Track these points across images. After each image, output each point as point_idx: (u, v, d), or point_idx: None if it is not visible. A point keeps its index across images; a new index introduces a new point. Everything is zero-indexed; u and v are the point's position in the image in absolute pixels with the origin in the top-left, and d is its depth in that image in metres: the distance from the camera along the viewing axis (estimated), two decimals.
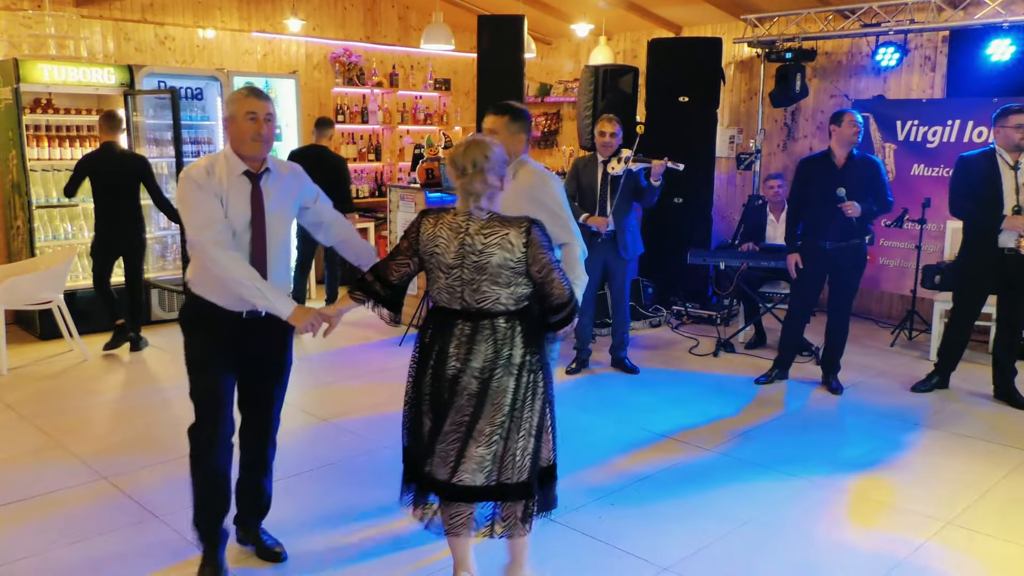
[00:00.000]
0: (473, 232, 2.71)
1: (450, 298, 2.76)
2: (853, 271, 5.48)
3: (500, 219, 2.74)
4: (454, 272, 2.72)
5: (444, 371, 2.75)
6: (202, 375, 3.14)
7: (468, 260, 2.70)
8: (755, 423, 5.04)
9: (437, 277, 2.78)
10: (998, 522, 3.77)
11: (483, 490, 2.76)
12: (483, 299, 2.72)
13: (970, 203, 5.25)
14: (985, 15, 6.52)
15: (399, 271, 2.85)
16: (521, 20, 7.11)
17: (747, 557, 3.45)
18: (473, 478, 2.73)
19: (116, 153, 6.25)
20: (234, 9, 8.48)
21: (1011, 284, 5.26)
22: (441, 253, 2.73)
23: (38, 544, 3.50)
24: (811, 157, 5.62)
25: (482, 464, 2.73)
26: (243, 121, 3.00)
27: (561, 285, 2.75)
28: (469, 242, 2.70)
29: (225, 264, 2.93)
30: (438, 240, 2.74)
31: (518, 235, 2.69)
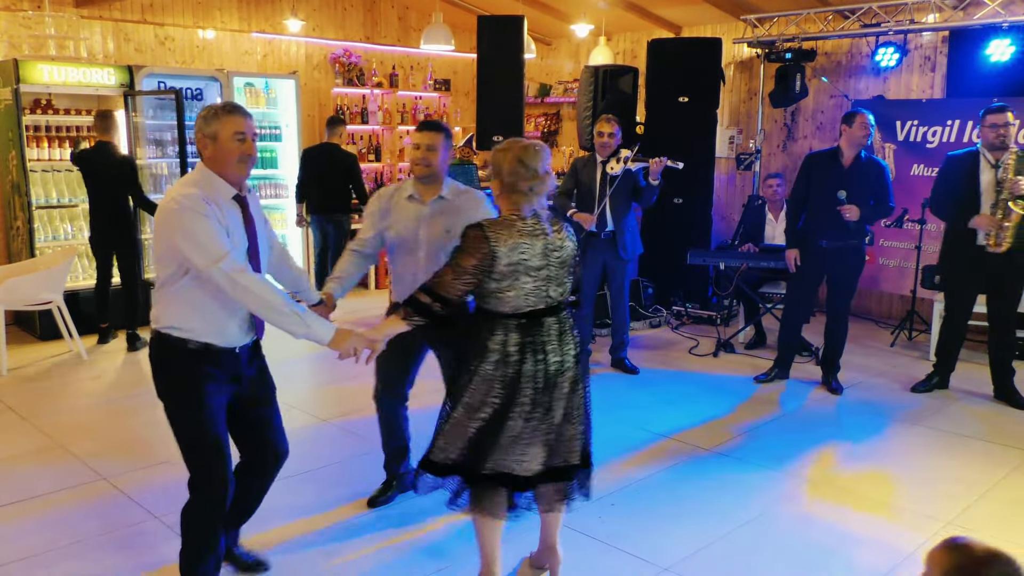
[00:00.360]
0: (549, 231, 2.88)
1: (536, 299, 2.84)
2: (850, 271, 5.48)
3: (548, 216, 2.94)
4: (540, 272, 2.83)
5: (547, 369, 2.85)
6: (206, 429, 2.84)
7: (552, 258, 2.85)
8: (755, 423, 5.04)
9: (523, 283, 2.81)
10: (997, 522, 3.77)
11: (575, 467, 2.99)
12: (564, 292, 2.92)
13: (950, 202, 5.30)
14: (984, 15, 6.52)
15: (464, 290, 2.83)
16: (521, 20, 7.11)
17: (747, 557, 3.45)
18: (575, 457, 2.98)
19: (108, 153, 6.31)
20: (234, 10, 8.48)
21: (996, 282, 5.28)
22: (528, 258, 2.80)
23: (37, 544, 3.50)
24: (819, 153, 5.61)
25: (575, 443, 2.97)
26: (230, 141, 2.72)
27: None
28: (550, 240, 2.85)
29: (259, 290, 2.66)
30: (521, 247, 2.78)
31: (563, 227, 2.97)
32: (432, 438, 2.95)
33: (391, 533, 3.61)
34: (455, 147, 9.29)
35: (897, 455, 4.56)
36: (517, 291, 2.80)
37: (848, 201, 5.22)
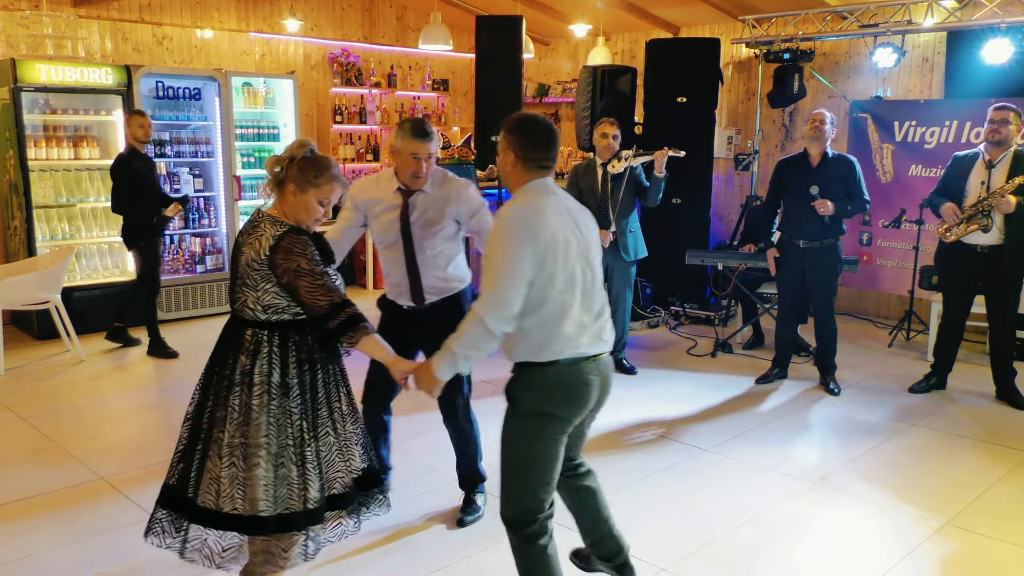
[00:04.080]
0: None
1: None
2: (827, 270, 5.53)
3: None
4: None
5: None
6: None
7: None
8: (753, 423, 5.04)
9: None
10: (996, 522, 3.78)
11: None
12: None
13: (938, 200, 5.37)
14: (983, 16, 6.53)
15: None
16: (519, 21, 7.11)
17: (747, 557, 3.45)
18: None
19: (140, 153, 6.27)
20: (232, 9, 8.47)
21: (990, 281, 5.32)
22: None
23: (36, 544, 3.50)
24: (788, 158, 5.74)
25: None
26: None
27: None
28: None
29: None
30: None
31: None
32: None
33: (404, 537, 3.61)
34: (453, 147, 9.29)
35: (895, 455, 4.56)
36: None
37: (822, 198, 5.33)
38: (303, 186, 2.62)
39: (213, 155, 7.70)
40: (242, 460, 2.58)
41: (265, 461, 2.57)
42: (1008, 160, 5.14)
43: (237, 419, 2.59)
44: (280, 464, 2.59)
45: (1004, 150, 5.15)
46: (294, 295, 2.58)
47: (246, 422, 2.58)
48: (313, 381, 2.66)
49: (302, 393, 2.63)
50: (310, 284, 2.55)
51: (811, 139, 5.41)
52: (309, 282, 2.55)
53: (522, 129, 2.64)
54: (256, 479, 2.56)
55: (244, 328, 2.64)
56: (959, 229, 5.25)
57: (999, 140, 5.13)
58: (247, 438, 2.57)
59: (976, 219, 5.16)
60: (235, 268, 2.67)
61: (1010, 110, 5.13)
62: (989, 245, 5.20)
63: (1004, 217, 5.13)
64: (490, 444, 4.68)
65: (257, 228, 2.62)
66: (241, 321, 2.66)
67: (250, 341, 2.62)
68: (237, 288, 2.65)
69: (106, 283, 7.12)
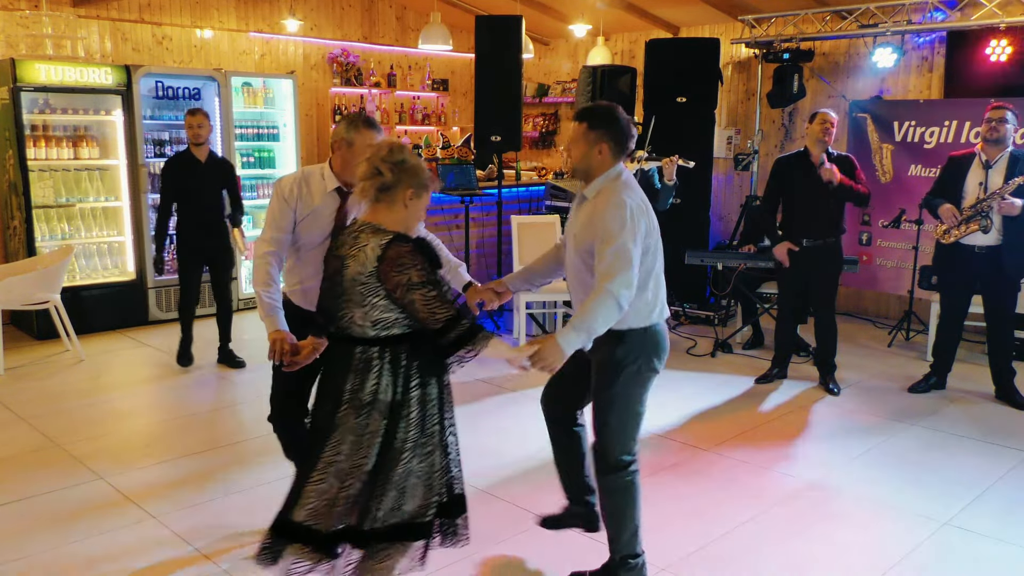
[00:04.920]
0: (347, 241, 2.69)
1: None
2: (828, 269, 5.55)
3: (369, 228, 2.62)
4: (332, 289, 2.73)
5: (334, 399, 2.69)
6: (276, 379, 3.35)
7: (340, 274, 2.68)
8: (753, 423, 5.04)
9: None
10: (995, 523, 3.78)
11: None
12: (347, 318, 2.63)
13: (936, 200, 5.37)
14: (982, 16, 6.53)
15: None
16: (519, 20, 7.10)
17: (746, 557, 3.46)
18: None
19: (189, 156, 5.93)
20: (232, 9, 8.47)
21: (988, 282, 5.33)
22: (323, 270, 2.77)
23: (36, 544, 3.50)
24: (786, 156, 5.72)
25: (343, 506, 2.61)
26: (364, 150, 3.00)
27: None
28: (338, 252, 2.62)
29: (256, 270, 3.11)
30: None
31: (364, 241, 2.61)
32: None
33: None
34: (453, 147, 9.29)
35: (895, 455, 4.56)
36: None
37: (823, 197, 5.34)
38: (420, 191, 2.55)
39: None
40: (375, 479, 2.53)
41: (410, 474, 2.55)
42: (1005, 161, 5.15)
43: (362, 442, 2.51)
44: (408, 476, 2.54)
45: (1001, 150, 5.16)
46: (407, 309, 2.46)
47: (369, 444, 2.51)
48: (425, 397, 2.56)
49: (420, 409, 2.54)
50: (424, 297, 2.43)
51: (818, 140, 5.38)
52: (423, 295, 2.43)
53: (619, 122, 2.92)
54: (394, 490, 2.53)
55: (352, 346, 2.52)
56: (958, 230, 5.25)
57: (997, 139, 5.13)
58: (379, 458, 2.52)
59: (975, 220, 5.17)
60: (334, 284, 2.54)
61: (1007, 109, 5.14)
62: (987, 246, 5.21)
63: (1003, 218, 5.14)
64: (486, 440, 4.67)
65: (358, 239, 2.49)
66: (347, 339, 2.53)
67: (359, 360, 2.51)
68: (341, 306, 2.53)
69: (106, 283, 7.12)
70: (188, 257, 5.95)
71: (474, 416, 5.07)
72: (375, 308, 2.48)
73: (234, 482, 4.13)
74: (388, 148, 2.54)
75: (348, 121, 3.13)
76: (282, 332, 2.90)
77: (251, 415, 5.13)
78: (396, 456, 2.52)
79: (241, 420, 5.11)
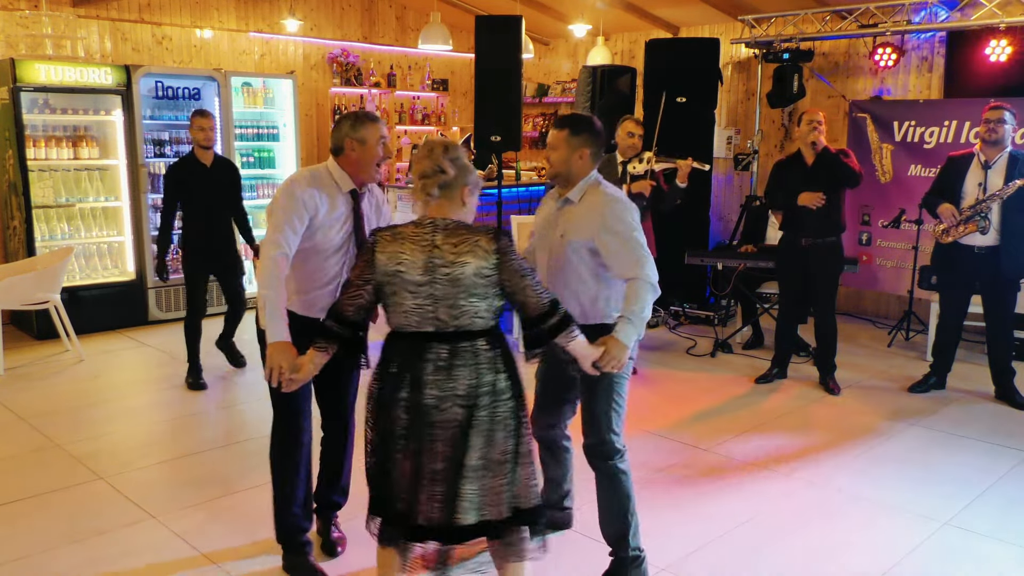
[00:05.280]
0: (442, 243, 2.62)
1: (420, 319, 2.57)
2: (829, 268, 5.55)
3: (455, 226, 2.64)
4: (422, 289, 2.57)
5: (420, 402, 2.53)
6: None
7: (439, 274, 2.57)
8: (753, 423, 5.04)
9: (402, 298, 2.62)
10: (995, 523, 3.78)
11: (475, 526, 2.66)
12: (460, 316, 2.55)
13: (937, 198, 5.36)
14: (982, 16, 6.53)
15: (354, 304, 2.67)
16: (519, 20, 7.09)
17: (746, 557, 3.46)
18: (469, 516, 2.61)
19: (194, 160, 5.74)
20: (231, 9, 8.47)
21: (987, 282, 5.33)
22: (405, 270, 2.61)
23: (35, 544, 3.50)
24: (783, 159, 5.76)
25: (470, 499, 2.58)
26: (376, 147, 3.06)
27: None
28: (437, 254, 2.59)
29: (264, 273, 2.90)
30: (400, 256, 2.66)
31: (474, 243, 2.59)
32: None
33: None
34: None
35: (894, 455, 4.56)
36: (395, 307, 2.56)
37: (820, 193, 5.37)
38: (473, 188, 2.64)
39: None
40: (515, 465, 2.60)
41: (527, 459, 2.64)
42: (1004, 161, 5.15)
43: (499, 431, 2.55)
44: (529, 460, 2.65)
45: (1000, 150, 5.16)
46: (518, 295, 2.55)
47: (505, 429, 2.56)
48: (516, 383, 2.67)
49: (517, 395, 2.65)
50: (532, 282, 2.56)
51: (807, 141, 5.38)
52: (531, 281, 2.56)
53: (598, 130, 3.14)
54: (529, 475, 2.64)
55: (476, 340, 2.56)
56: (956, 230, 5.25)
57: (996, 140, 5.13)
58: (516, 444, 2.59)
59: (974, 220, 5.17)
60: (445, 285, 2.50)
61: (1004, 109, 5.14)
62: (986, 246, 5.21)
63: (1001, 218, 5.14)
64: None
65: (460, 236, 2.52)
66: (468, 335, 2.55)
67: (480, 352, 2.55)
68: (457, 304, 2.51)
69: (105, 283, 7.12)
70: (195, 268, 5.70)
71: None
72: (496, 299, 2.58)
73: (234, 482, 4.13)
74: (444, 146, 2.61)
75: (353, 120, 3.06)
76: (283, 344, 2.74)
77: (251, 415, 5.13)
78: (523, 440, 2.63)
79: (241, 420, 5.11)
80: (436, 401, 2.51)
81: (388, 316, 2.63)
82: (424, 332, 2.54)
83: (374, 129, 3.05)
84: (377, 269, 2.56)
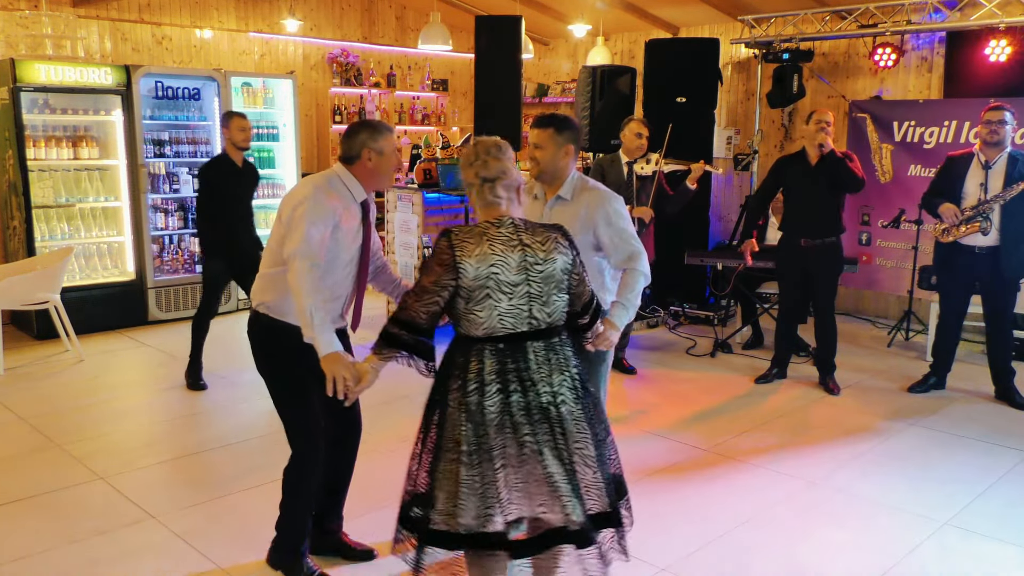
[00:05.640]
0: (530, 241, 2.62)
1: (515, 321, 2.53)
2: (829, 269, 5.55)
3: (531, 226, 2.70)
4: (519, 289, 2.55)
5: (536, 402, 2.52)
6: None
7: (533, 272, 2.56)
8: (753, 423, 5.04)
9: (496, 301, 2.58)
10: (995, 523, 3.78)
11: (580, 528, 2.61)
12: (553, 313, 2.58)
13: (937, 199, 5.36)
14: (981, 16, 6.53)
15: (428, 311, 2.61)
16: (518, 21, 7.10)
17: (745, 557, 3.46)
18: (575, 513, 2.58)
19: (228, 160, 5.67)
20: (231, 9, 8.47)
21: (988, 282, 5.33)
22: (500, 272, 2.56)
23: (35, 544, 3.50)
24: (786, 157, 5.75)
25: (573, 497, 2.59)
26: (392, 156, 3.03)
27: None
28: (530, 252, 2.60)
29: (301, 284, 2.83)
30: (492, 259, 2.62)
31: (553, 239, 2.72)
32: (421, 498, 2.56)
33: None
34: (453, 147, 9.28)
35: (894, 455, 4.56)
36: (486, 311, 2.48)
37: (821, 196, 5.39)
38: (523, 187, 2.73)
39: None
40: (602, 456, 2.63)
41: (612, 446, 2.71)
42: (1004, 161, 5.15)
43: (588, 419, 2.60)
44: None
45: (1000, 150, 5.16)
46: (579, 287, 2.66)
47: (594, 420, 2.62)
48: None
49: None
50: (583, 275, 2.68)
51: (813, 141, 5.36)
52: (582, 274, 2.68)
53: (577, 128, 3.31)
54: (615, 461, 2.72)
55: (560, 335, 2.61)
56: (957, 230, 5.25)
57: (998, 141, 5.13)
58: (599, 435, 2.64)
59: (976, 221, 5.16)
60: (538, 283, 2.52)
61: (1005, 109, 5.14)
62: (987, 246, 5.21)
63: (1001, 218, 5.14)
64: None
65: (542, 234, 2.58)
66: (555, 330, 2.59)
67: (567, 344, 2.63)
68: (550, 300, 2.55)
69: (105, 283, 7.12)
70: (220, 268, 5.60)
71: None
72: (567, 293, 2.63)
73: (234, 482, 4.13)
74: (498, 146, 2.65)
75: (372, 130, 3.00)
76: (338, 354, 2.70)
77: (251, 415, 5.13)
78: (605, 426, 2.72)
79: (241, 420, 5.10)
80: (550, 398, 2.52)
81: (468, 322, 2.52)
82: (519, 332, 2.52)
83: (391, 139, 3.05)
84: (463, 273, 2.46)
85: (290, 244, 2.85)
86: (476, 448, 2.46)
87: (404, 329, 2.55)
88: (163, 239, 7.55)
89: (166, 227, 7.47)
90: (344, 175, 3.02)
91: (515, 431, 2.47)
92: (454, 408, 2.50)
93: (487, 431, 2.46)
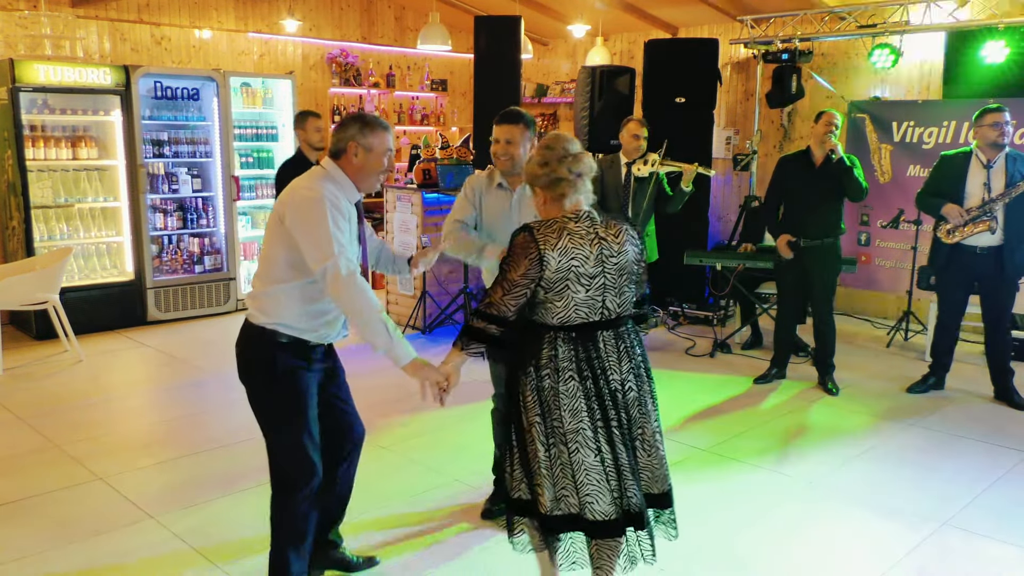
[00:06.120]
0: (605, 234, 2.69)
1: (589, 310, 2.62)
2: (828, 269, 5.55)
3: (603, 219, 2.78)
4: (595, 280, 2.62)
5: (607, 388, 2.62)
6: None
7: (608, 264, 2.64)
8: (752, 424, 5.04)
9: (574, 292, 2.67)
10: (995, 523, 3.78)
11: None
12: (623, 303, 2.69)
13: (935, 199, 5.35)
14: (981, 16, 6.53)
15: (517, 304, 2.68)
16: (518, 21, 7.11)
17: (745, 557, 3.46)
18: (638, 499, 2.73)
19: (309, 162, 5.56)
20: (230, 9, 8.47)
21: (989, 282, 5.32)
22: (579, 264, 2.62)
23: (34, 544, 3.50)
24: (790, 155, 5.73)
25: (643, 479, 2.78)
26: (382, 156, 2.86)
27: None
28: (605, 244, 2.65)
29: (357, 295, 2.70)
30: (572, 251, 2.70)
31: (622, 230, 2.81)
32: (518, 484, 2.70)
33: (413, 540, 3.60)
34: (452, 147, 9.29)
35: (893, 456, 4.57)
36: (566, 301, 2.57)
37: (822, 197, 5.38)
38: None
39: (211, 155, 7.69)
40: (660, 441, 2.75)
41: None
42: (1003, 161, 5.15)
43: (651, 406, 2.71)
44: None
45: (1000, 150, 5.16)
46: (639, 277, 2.74)
47: (654, 406, 2.74)
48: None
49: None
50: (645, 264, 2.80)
51: (821, 141, 5.35)
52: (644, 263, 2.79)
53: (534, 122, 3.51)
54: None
55: (627, 322, 2.71)
56: (963, 230, 5.22)
57: (1004, 142, 5.12)
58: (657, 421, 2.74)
59: (983, 220, 5.14)
60: (613, 275, 2.61)
61: (1004, 109, 5.15)
62: (990, 246, 5.20)
63: (1005, 217, 5.14)
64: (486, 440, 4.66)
65: (614, 227, 2.68)
66: (623, 319, 2.69)
67: (633, 331, 2.73)
68: (622, 291, 2.66)
69: (104, 283, 7.12)
70: None
71: (474, 415, 5.06)
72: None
73: (234, 482, 4.13)
74: (573, 141, 2.72)
75: (363, 123, 2.81)
76: (421, 360, 2.70)
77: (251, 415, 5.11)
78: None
79: (241, 419, 5.09)
80: (618, 384, 2.63)
81: (545, 311, 2.62)
82: (591, 322, 2.62)
83: (384, 138, 2.83)
84: (547, 266, 2.55)
85: (317, 253, 2.66)
86: (550, 431, 2.60)
87: (492, 323, 2.62)
88: (162, 239, 7.55)
89: (165, 227, 7.47)
90: (334, 171, 2.84)
91: (590, 416, 2.58)
92: (529, 392, 2.62)
93: (561, 415, 2.57)
